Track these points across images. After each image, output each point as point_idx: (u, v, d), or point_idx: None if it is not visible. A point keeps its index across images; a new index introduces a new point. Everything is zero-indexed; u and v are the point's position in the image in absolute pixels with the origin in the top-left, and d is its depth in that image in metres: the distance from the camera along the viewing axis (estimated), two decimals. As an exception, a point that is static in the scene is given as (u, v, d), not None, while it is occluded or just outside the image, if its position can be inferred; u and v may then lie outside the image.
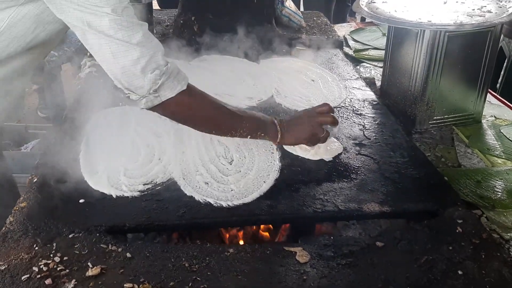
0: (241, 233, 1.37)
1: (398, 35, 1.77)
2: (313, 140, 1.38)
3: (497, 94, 2.15)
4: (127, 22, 1.09)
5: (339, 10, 4.29)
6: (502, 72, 2.71)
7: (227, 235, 1.36)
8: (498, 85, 2.74)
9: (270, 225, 1.38)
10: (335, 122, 1.39)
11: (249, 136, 1.35)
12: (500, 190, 1.39)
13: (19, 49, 1.20)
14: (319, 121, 1.37)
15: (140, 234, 1.24)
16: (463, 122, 1.77)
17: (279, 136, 1.36)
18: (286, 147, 1.43)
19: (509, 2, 1.70)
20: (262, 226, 1.39)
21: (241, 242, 1.35)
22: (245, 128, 1.32)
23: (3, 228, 1.11)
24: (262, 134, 1.36)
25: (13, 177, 1.61)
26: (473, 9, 1.67)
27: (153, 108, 1.20)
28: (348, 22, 3.86)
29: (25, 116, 2.96)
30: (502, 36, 2.43)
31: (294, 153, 1.41)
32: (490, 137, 1.68)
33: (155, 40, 1.17)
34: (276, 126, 1.36)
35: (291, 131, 1.37)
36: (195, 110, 1.26)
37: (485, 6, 1.69)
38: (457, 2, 1.75)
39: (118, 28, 1.08)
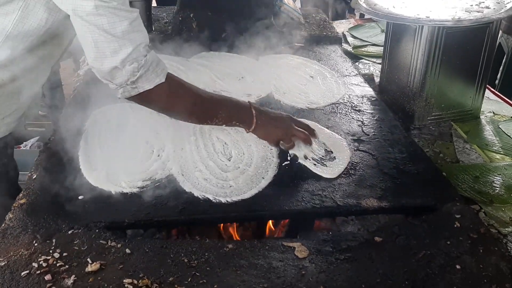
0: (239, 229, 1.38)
1: (397, 31, 1.77)
2: (276, 145, 1.39)
3: (496, 90, 2.15)
4: (114, 9, 1.08)
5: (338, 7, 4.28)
6: (501, 68, 2.72)
7: (226, 231, 1.36)
8: (497, 81, 2.75)
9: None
10: (307, 142, 1.38)
11: (224, 125, 1.38)
12: (498, 186, 1.39)
13: (34, 41, 1.20)
14: (293, 132, 1.37)
15: (139, 230, 1.25)
16: (462, 118, 1.77)
17: (252, 127, 1.38)
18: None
19: (507, -3, 1.70)
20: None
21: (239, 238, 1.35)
22: (220, 117, 1.34)
23: (3, 225, 1.12)
24: (237, 124, 1.38)
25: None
26: (471, 5, 1.67)
27: (130, 98, 1.21)
28: (347, 18, 3.86)
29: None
30: (501, 32, 2.43)
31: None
32: (488, 132, 1.69)
33: (142, 30, 1.16)
34: (252, 118, 1.36)
35: (265, 126, 1.38)
36: (172, 101, 1.27)
37: (483, 2, 1.69)
38: (455, -3, 1.76)
39: (102, 15, 1.07)
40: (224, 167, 1.34)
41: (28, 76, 1.29)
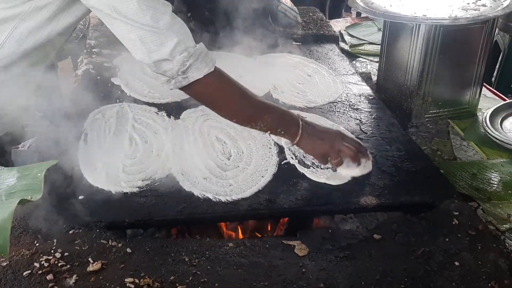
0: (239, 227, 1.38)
1: (394, 29, 1.78)
2: (324, 160, 1.33)
3: (492, 87, 2.16)
4: (154, 3, 1.10)
5: (335, 5, 4.28)
6: (497, 66, 2.73)
7: (226, 230, 1.37)
8: (493, 79, 2.76)
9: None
10: (354, 159, 1.30)
11: (268, 132, 1.33)
12: (495, 182, 1.40)
13: (39, 40, 1.22)
14: (340, 149, 1.30)
15: (139, 230, 1.25)
16: (459, 115, 1.78)
17: (297, 139, 1.31)
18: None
19: (503, -4, 1.71)
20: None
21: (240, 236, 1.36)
22: (266, 122, 1.29)
23: (4, 225, 1.12)
24: (282, 133, 1.32)
25: None
26: (468, 3, 1.68)
27: (182, 89, 1.22)
28: (344, 17, 3.86)
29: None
30: (497, 30, 2.44)
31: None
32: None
33: (181, 21, 1.17)
34: (298, 129, 1.30)
35: (310, 140, 1.31)
36: (220, 94, 1.26)
37: (480, 0, 1.70)
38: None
39: (145, 11, 1.09)
40: (224, 166, 1.35)
41: (22, 77, 1.29)
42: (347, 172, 1.30)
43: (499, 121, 1.68)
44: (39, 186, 0.85)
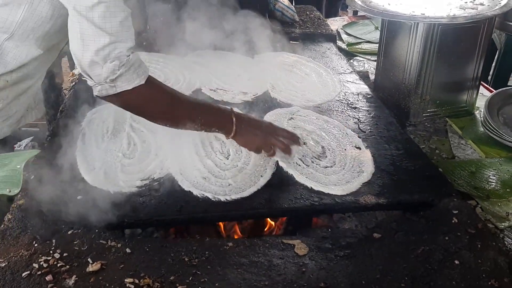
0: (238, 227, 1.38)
1: (392, 28, 1.78)
2: (258, 152, 1.35)
3: (489, 86, 2.17)
4: (110, 4, 1.08)
5: (331, 4, 4.29)
6: (493, 64, 2.74)
7: (225, 229, 1.37)
8: (489, 77, 2.76)
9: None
10: (286, 151, 1.34)
11: (203, 131, 1.33)
12: (494, 181, 1.41)
13: (39, 40, 1.21)
14: (272, 142, 1.34)
15: (138, 230, 1.25)
16: (457, 114, 1.78)
17: (231, 135, 1.32)
18: None
19: (501, -6, 1.71)
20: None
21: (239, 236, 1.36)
22: (200, 123, 1.28)
23: (2, 226, 1.11)
24: (217, 130, 1.33)
25: None
26: (466, 2, 1.69)
27: (106, 98, 1.18)
28: (340, 16, 3.87)
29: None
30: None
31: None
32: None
33: (131, 29, 1.14)
34: (232, 125, 1.31)
35: (244, 135, 1.34)
36: (150, 104, 1.23)
37: (478, -1, 1.71)
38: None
39: (97, 9, 1.06)
40: (223, 165, 1.35)
41: (30, 78, 1.29)
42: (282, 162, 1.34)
43: (496, 112, 1.69)
44: (18, 179, 0.80)
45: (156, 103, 1.23)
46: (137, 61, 1.16)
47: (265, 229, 1.38)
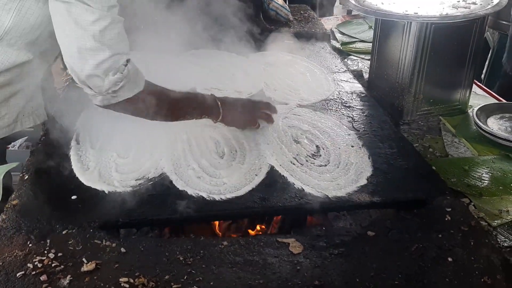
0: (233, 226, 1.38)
1: (385, 27, 1.79)
2: (246, 128, 1.49)
3: (482, 84, 2.18)
4: (109, 19, 1.08)
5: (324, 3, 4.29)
6: (486, 63, 2.75)
7: (220, 228, 1.37)
8: (482, 76, 2.78)
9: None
10: (270, 121, 1.51)
11: (194, 119, 1.40)
12: (486, 179, 1.42)
13: (29, 45, 1.21)
14: (257, 115, 1.49)
15: (132, 230, 1.25)
16: (450, 112, 1.79)
17: (220, 117, 1.42)
18: None
19: (493, -7, 1.72)
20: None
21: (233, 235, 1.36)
22: (191, 114, 1.38)
23: (-4, 226, 1.11)
24: (206, 116, 1.41)
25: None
26: (459, 1, 1.70)
27: (107, 106, 1.20)
28: (335, 15, 3.87)
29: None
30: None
31: None
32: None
33: (126, 39, 1.16)
34: (219, 109, 1.41)
35: (231, 114, 1.44)
36: (149, 107, 1.26)
37: (470, -2, 1.71)
38: (442, -6, 1.77)
39: (98, 24, 1.07)
40: (217, 164, 1.35)
41: (20, 81, 1.28)
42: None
43: (485, 120, 1.70)
44: None
45: (154, 105, 1.26)
46: (134, 69, 1.18)
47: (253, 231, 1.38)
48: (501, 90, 2.16)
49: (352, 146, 1.45)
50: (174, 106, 1.34)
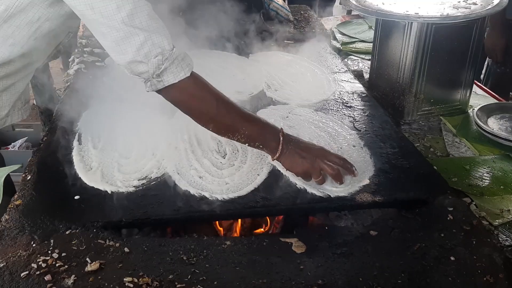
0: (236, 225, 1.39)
1: (386, 27, 1.79)
2: (306, 178, 1.28)
3: (482, 84, 2.19)
4: (129, 1, 1.08)
5: (324, 4, 4.29)
6: (486, 63, 2.76)
7: (222, 228, 1.37)
8: (482, 76, 2.79)
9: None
10: (336, 179, 1.26)
11: (246, 144, 1.27)
12: (487, 178, 1.42)
13: (22, 41, 1.19)
14: (322, 167, 1.25)
15: (136, 229, 1.25)
16: (450, 112, 1.80)
17: (277, 155, 1.27)
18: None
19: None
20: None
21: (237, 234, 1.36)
22: (244, 134, 1.24)
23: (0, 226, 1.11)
24: (261, 146, 1.28)
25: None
26: (459, 1, 1.70)
27: (158, 92, 1.20)
28: (335, 15, 3.87)
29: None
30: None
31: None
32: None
33: (160, 22, 1.15)
34: (278, 144, 1.27)
35: (290, 157, 1.28)
36: (195, 100, 1.22)
37: (471, -2, 1.72)
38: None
39: (124, 8, 1.07)
40: (219, 164, 1.35)
41: (13, 76, 1.28)
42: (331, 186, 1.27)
43: (486, 119, 1.71)
44: None
45: (201, 100, 1.22)
46: (181, 54, 1.17)
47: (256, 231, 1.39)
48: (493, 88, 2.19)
49: (354, 146, 1.45)
50: (224, 113, 1.24)
